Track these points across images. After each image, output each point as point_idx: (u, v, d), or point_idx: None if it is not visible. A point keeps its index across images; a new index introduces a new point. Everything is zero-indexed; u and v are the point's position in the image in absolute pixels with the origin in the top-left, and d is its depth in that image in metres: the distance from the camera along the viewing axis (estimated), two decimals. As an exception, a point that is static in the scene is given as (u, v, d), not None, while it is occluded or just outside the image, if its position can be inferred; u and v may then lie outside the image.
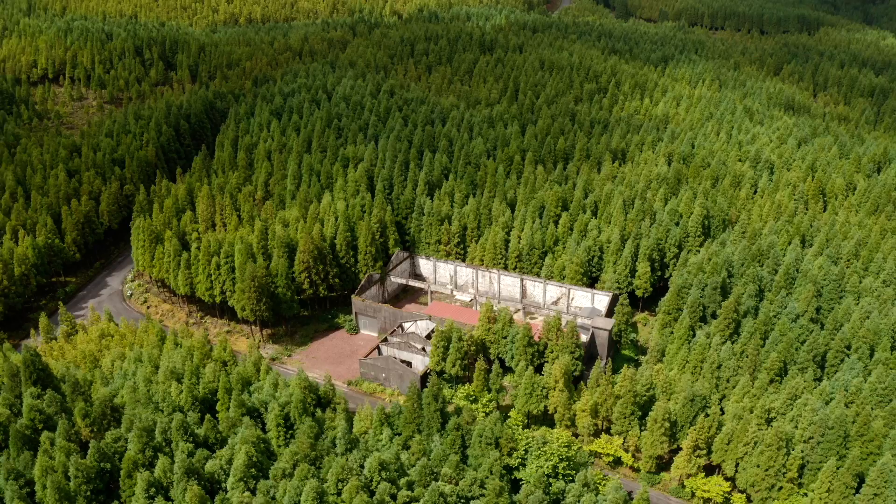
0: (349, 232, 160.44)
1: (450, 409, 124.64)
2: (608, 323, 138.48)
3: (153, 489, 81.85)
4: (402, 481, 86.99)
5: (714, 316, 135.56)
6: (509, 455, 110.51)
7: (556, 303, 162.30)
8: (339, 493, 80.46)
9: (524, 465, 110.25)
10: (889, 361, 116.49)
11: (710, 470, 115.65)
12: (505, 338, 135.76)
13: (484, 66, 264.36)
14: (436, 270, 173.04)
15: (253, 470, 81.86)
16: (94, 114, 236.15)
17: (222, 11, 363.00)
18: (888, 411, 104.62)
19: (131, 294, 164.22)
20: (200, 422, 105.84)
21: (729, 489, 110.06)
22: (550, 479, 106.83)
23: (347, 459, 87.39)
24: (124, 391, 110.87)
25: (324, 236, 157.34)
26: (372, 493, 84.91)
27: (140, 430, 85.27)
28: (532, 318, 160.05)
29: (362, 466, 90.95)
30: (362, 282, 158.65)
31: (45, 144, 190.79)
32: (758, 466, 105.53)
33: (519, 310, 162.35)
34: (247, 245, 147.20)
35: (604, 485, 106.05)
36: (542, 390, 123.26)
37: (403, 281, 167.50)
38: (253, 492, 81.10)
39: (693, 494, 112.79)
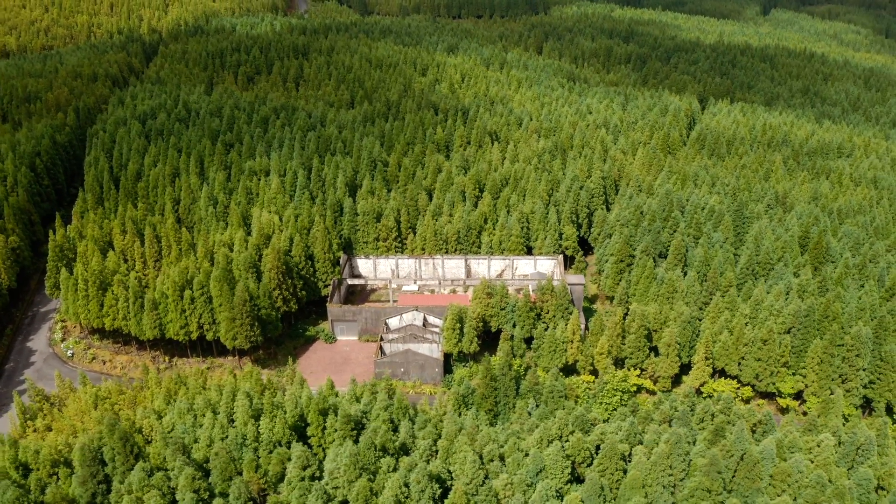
0: (303, 242, 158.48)
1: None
2: (580, 279, 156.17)
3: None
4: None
5: (662, 256, 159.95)
6: (575, 402, 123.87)
7: (500, 275, 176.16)
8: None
9: (588, 408, 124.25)
10: (806, 263, 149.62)
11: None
12: (503, 309, 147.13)
13: (316, 71, 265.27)
14: (376, 267, 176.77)
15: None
16: None
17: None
18: (835, 295, 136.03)
19: (72, 354, 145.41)
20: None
21: (737, 385, 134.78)
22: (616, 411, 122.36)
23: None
24: (201, 444, 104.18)
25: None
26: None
27: (352, 457, 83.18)
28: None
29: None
30: (331, 289, 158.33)
31: None
32: (758, 360, 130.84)
33: (469, 287, 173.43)
34: (222, 271, 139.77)
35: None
36: (562, 345, 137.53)
37: (361, 282, 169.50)
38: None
39: (709, 396, 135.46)
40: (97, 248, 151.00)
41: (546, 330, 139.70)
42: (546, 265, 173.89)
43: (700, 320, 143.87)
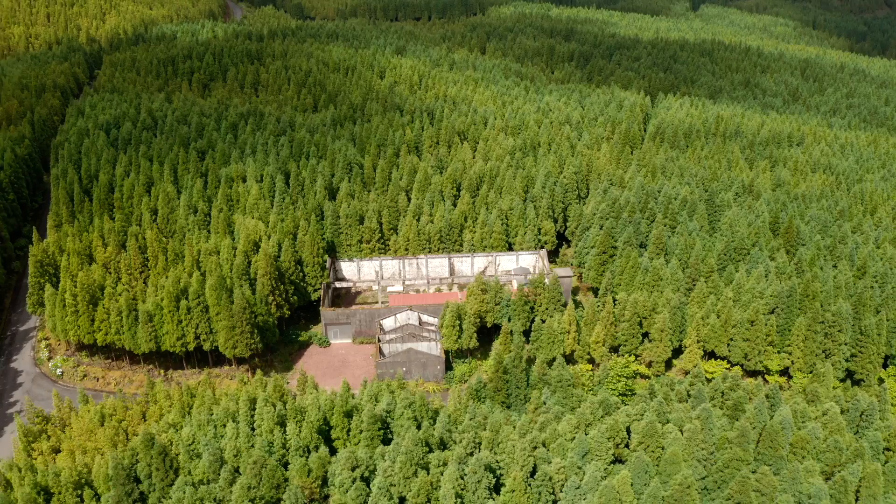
0: (291, 247, 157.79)
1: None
2: (568, 271, 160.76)
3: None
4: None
5: (642, 246, 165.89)
6: (582, 390, 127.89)
7: (483, 272, 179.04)
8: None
9: (594, 393, 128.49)
10: (780, 247, 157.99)
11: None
12: (498, 304, 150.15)
13: (275, 76, 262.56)
14: (360, 270, 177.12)
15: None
16: None
17: None
18: (812, 275, 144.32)
19: (62, 372, 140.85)
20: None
21: (727, 365, 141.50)
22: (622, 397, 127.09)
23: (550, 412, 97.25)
24: (228, 453, 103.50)
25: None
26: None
27: (408, 452, 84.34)
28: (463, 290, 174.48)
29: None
30: (322, 293, 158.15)
31: None
32: (746, 340, 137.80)
33: (454, 285, 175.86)
34: (217, 279, 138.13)
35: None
36: (559, 336, 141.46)
37: (348, 285, 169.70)
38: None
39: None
40: (82, 261, 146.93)
41: (543, 322, 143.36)
42: (528, 260, 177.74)
43: (686, 305, 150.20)
